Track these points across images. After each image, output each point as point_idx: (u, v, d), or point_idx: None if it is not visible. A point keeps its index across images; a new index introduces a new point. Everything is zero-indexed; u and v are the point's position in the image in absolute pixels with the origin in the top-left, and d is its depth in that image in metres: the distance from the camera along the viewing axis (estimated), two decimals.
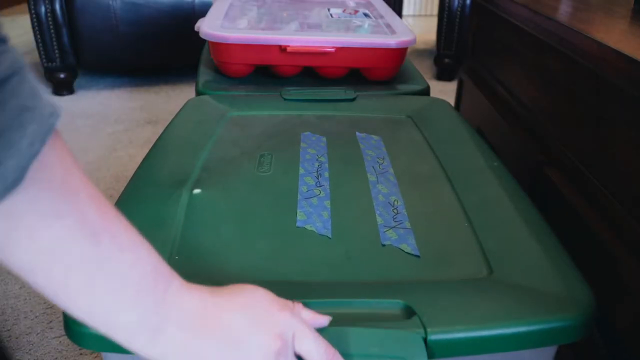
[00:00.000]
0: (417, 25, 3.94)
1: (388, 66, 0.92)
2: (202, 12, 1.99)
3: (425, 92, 0.93)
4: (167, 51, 2.39)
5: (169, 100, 2.37)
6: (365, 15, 1.06)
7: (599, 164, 0.73)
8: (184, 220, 0.51)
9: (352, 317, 0.40)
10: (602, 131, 0.72)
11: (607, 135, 0.71)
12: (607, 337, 0.65)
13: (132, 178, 0.59)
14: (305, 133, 0.71)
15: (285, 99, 0.82)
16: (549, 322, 0.41)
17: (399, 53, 0.91)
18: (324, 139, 0.70)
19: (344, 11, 1.09)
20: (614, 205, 0.68)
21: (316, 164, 0.63)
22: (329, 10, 1.10)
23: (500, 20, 1.11)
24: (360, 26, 0.99)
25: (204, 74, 0.96)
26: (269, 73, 0.95)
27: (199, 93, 0.90)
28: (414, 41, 0.92)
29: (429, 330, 0.39)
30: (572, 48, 0.79)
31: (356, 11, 1.09)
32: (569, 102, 0.82)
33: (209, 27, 0.91)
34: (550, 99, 0.89)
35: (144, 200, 0.55)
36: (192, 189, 0.57)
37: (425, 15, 4.28)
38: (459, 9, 2.53)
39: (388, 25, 0.98)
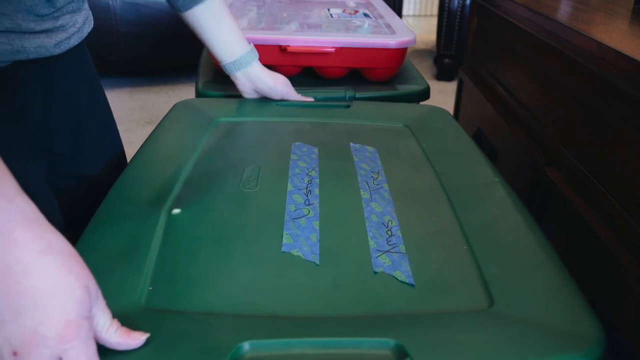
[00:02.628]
0: (417, 25, 3.94)
1: (388, 66, 0.92)
2: None
3: (425, 92, 0.93)
4: (167, 51, 2.39)
5: (169, 100, 2.37)
6: (365, 15, 1.06)
7: (599, 164, 0.73)
8: (160, 245, 0.48)
9: (336, 359, 0.38)
10: (602, 131, 0.72)
11: (607, 135, 0.71)
12: (607, 336, 0.65)
13: (107, 195, 0.56)
14: (297, 143, 0.67)
15: (277, 104, 0.80)
16: None
17: (399, 53, 0.91)
18: (316, 150, 0.66)
19: (344, 11, 1.09)
20: (614, 206, 0.68)
21: (306, 179, 0.60)
22: (329, 10, 1.10)
23: (500, 20, 1.11)
24: (360, 26, 0.99)
25: (204, 75, 0.95)
26: None
27: (198, 93, 0.90)
28: (414, 41, 0.92)
29: None
30: (572, 48, 0.79)
31: (356, 11, 1.09)
32: (569, 102, 0.82)
33: None
34: (550, 99, 0.89)
35: (117, 221, 0.52)
36: (171, 209, 0.53)
37: (425, 15, 4.29)
38: (459, 9, 2.53)
39: (388, 25, 0.98)
